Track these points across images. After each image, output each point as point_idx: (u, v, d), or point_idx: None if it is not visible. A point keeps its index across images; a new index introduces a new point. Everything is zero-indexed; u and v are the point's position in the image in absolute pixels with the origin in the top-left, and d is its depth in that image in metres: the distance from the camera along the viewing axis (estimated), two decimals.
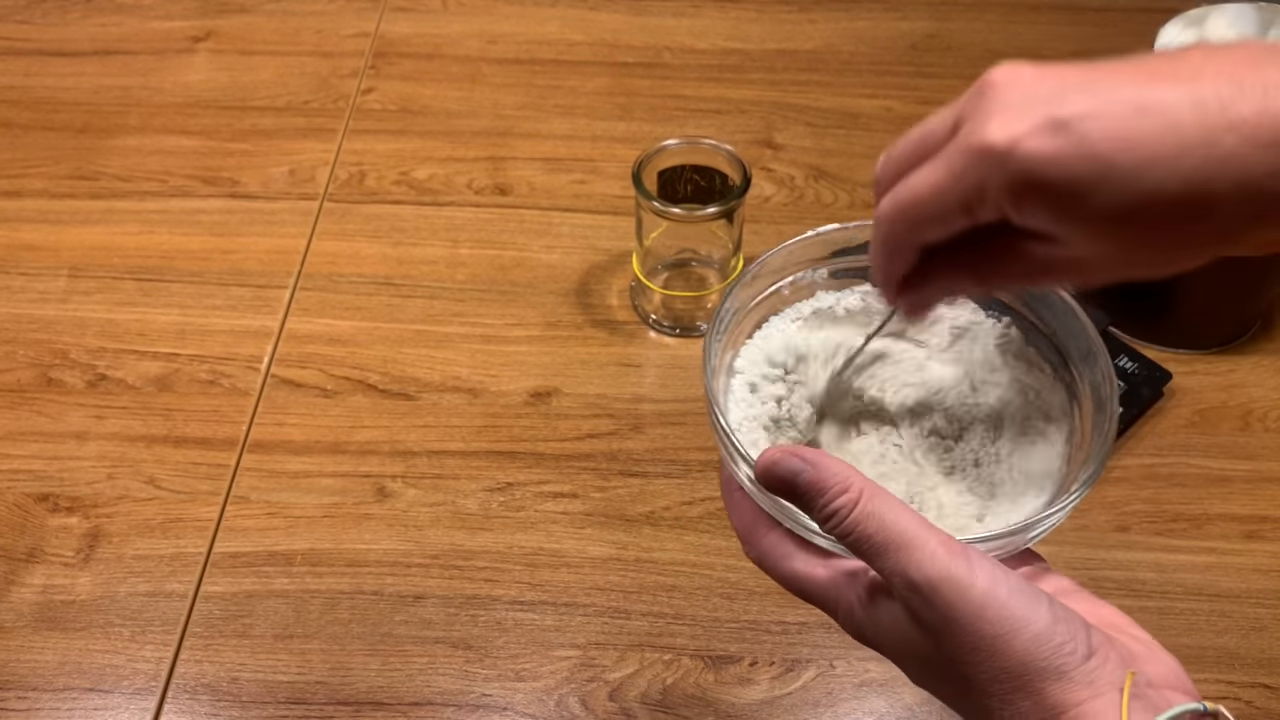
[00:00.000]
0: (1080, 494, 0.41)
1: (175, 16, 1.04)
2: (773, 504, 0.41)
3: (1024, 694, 0.34)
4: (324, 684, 0.62)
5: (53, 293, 0.81)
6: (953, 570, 0.35)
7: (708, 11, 1.05)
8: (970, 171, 0.34)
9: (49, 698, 0.61)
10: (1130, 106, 0.33)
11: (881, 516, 0.36)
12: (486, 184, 0.89)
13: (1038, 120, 0.33)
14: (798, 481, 0.38)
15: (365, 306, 0.80)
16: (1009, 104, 0.34)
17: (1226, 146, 0.32)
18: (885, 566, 0.36)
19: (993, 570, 0.35)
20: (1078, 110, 0.33)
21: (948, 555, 0.35)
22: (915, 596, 0.35)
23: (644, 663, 0.63)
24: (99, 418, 0.74)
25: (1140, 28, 1.01)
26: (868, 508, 0.36)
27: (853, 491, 0.37)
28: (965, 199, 0.35)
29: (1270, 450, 0.72)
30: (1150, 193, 0.33)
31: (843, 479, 0.37)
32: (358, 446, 0.72)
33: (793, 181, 0.90)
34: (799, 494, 0.38)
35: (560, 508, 0.69)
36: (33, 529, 0.68)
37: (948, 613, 0.35)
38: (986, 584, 0.34)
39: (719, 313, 0.47)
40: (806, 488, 0.38)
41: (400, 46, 1.01)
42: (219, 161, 0.91)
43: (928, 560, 0.35)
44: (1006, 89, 0.34)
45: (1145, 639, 0.38)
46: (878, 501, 0.36)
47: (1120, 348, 0.76)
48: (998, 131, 0.33)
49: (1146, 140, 0.32)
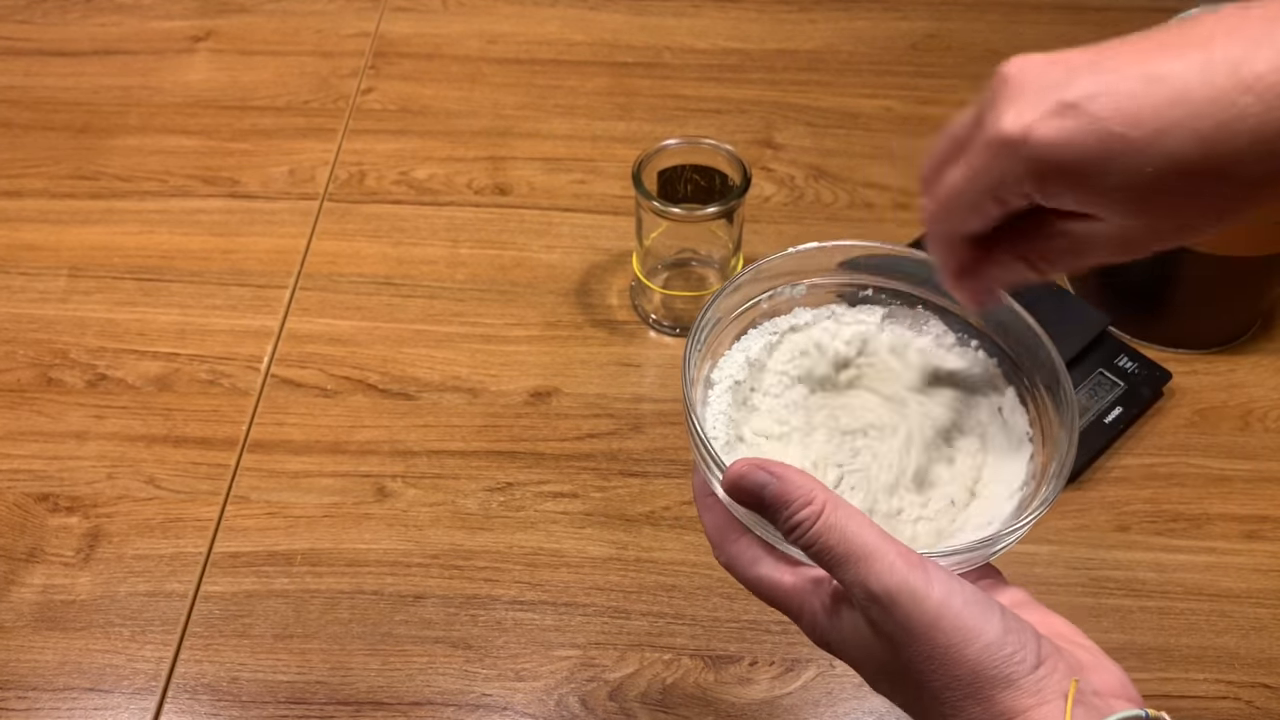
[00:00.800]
0: (1038, 513, 0.42)
1: (175, 16, 1.04)
2: (744, 511, 0.42)
3: (975, 700, 0.36)
4: (324, 684, 0.62)
5: (53, 292, 0.81)
6: (910, 582, 0.36)
7: (708, 11, 1.05)
8: (992, 163, 0.36)
9: (49, 697, 0.61)
10: (1138, 80, 0.34)
11: (843, 529, 0.37)
12: (486, 184, 0.89)
13: (1048, 106, 0.35)
14: (763, 494, 0.39)
15: (365, 306, 0.80)
16: (1021, 93, 0.35)
17: (1241, 106, 0.33)
18: (846, 577, 0.37)
19: (948, 582, 0.36)
20: (1086, 91, 0.34)
21: (906, 567, 0.36)
22: (874, 606, 0.36)
23: (644, 662, 0.63)
24: (99, 417, 0.74)
25: (1140, 28, 1.01)
26: (829, 520, 0.37)
27: (815, 504, 0.38)
28: (992, 189, 0.37)
29: (1270, 450, 0.72)
30: (1168, 160, 0.34)
31: (806, 492, 0.38)
32: (358, 446, 0.72)
33: (793, 181, 0.90)
34: (765, 506, 0.39)
35: (560, 507, 0.69)
36: (33, 529, 0.68)
37: (904, 622, 0.36)
38: (942, 595, 0.36)
39: (698, 323, 0.48)
40: (771, 499, 0.39)
41: (400, 46, 1.01)
42: (219, 161, 0.91)
43: (886, 572, 0.36)
44: (1018, 80, 0.36)
45: (1093, 648, 0.39)
46: (840, 515, 0.37)
47: (1120, 347, 0.76)
48: (1012, 122, 0.35)
49: (1157, 110, 0.33)
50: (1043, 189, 0.36)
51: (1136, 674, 0.62)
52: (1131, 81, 0.34)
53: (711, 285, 0.80)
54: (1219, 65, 0.33)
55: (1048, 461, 0.44)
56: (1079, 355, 0.74)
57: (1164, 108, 0.33)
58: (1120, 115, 0.34)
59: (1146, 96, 0.34)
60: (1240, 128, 0.33)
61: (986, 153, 0.37)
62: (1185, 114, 0.33)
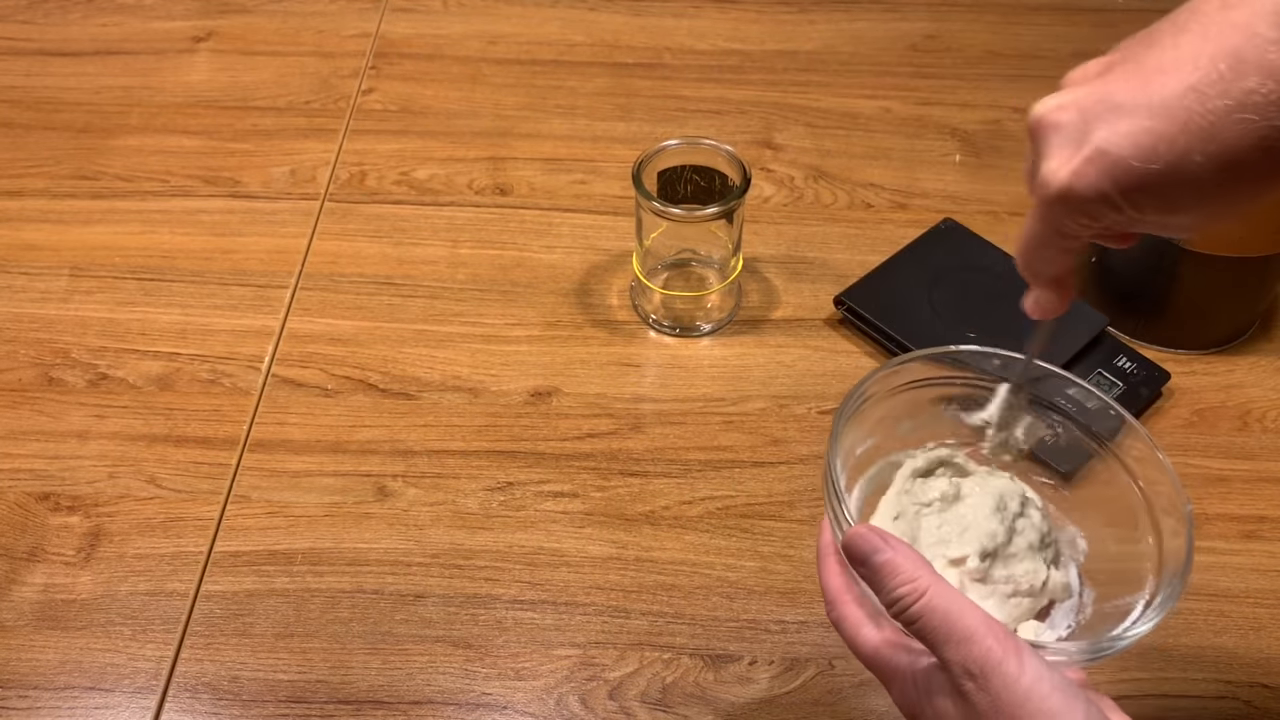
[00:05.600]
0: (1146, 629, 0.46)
1: (176, 17, 1.05)
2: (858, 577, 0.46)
3: None
4: (324, 683, 0.62)
5: (54, 292, 0.82)
6: (1005, 664, 0.40)
7: (708, 12, 1.05)
8: (1050, 214, 0.41)
9: (50, 696, 0.61)
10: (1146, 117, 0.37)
11: (946, 611, 0.41)
12: (487, 184, 0.89)
13: (1082, 155, 0.38)
14: (873, 560, 0.43)
15: (366, 306, 0.81)
16: (1050, 147, 0.39)
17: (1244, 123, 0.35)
18: (946, 655, 0.41)
19: (1039, 668, 0.40)
20: (1105, 136, 0.38)
21: (1002, 651, 0.40)
22: (970, 682, 0.40)
23: (644, 662, 0.63)
24: (100, 417, 0.74)
25: (1139, 28, 1.01)
26: (934, 602, 0.41)
27: (921, 583, 0.42)
28: (1058, 232, 0.41)
29: (1269, 450, 0.73)
30: (1191, 178, 0.37)
31: (912, 570, 0.42)
32: (358, 446, 0.72)
33: (792, 182, 0.90)
34: (871, 571, 0.43)
35: (560, 507, 0.69)
36: (34, 528, 0.68)
37: (995, 699, 0.39)
38: (1032, 678, 0.39)
39: (854, 392, 0.51)
40: (879, 567, 0.43)
41: (401, 47, 1.01)
42: (220, 161, 0.91)
43: (984, 654, 0.40)
44: (1045, 131, 0.40)
45: None
46: (943, 597, 0.41)
47: (1119, 348, 0.76)
48: (1053, 177, 0.39)
49: (1171, 141, 0.36)
50: (1097, 220, 0.40)
51: (1135, 674, 0.63)
52: (1141, 119, 0.37)
53: (711, 285, 0.80)
54: (1213, 88, 0.36)
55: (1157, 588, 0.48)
56: (1078, 355, 0.75)
57: (1174, 138, 0.36)
58: (1140, 152, 0.37)
59: (1158, 130, 0.37)
60: (1245, 142, 0.35)
61: (1041, 210, 0.41)
62: (1196, 140, 0.36)
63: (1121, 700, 0.61)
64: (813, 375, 0.77)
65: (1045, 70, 0.99)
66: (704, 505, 0.70)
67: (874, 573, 0.43)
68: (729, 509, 0.69)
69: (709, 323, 0.80)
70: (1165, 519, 0.49)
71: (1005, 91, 0.98)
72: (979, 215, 0.87)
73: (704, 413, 0.74)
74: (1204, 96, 0.36)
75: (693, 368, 0.77)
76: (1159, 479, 0.50)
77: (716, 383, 0.76)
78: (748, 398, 0.75)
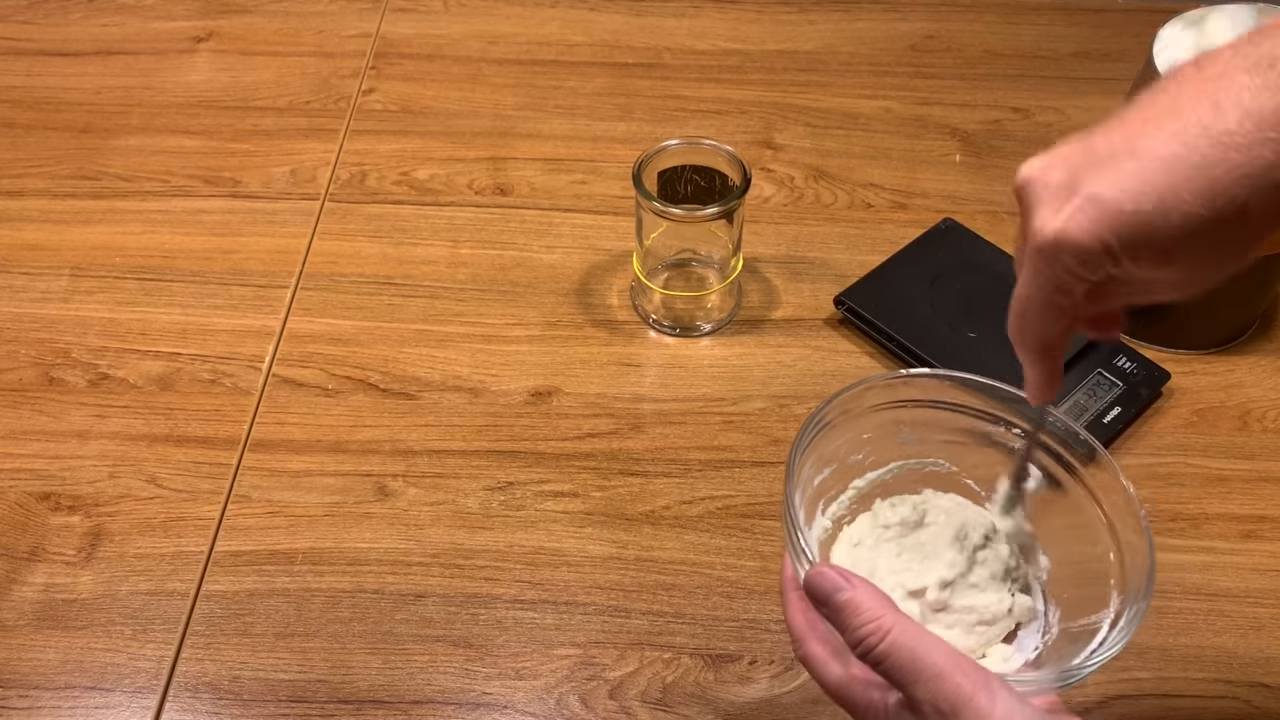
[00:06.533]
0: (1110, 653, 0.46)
1: (177, 17, 1.05)
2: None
3: None
4: (325, 682, 0.62)
5: (55, 292, 0.82)
6: (976, 700, 0.40)
7: (708, 12, 1.05)
8: (1044, 268, 0.40)
9: (50, 696, 0.61)
10: (1133, 161, 0.38)
11: (913, 649, 0.41)
12: (487, 184, 0.90)
13: (1072, 205, 0.38)
14: (834, 599, 0.43)
15: (366, 306, 0.81)
16: (1039, 201, 0.40)
17: (1225, 162, 0.36)
18: (915, 693, 0.41)
19: (1010, 701, 0.40)
20: (1094, 184, 0.38)
21: (971, 686, 0.40)
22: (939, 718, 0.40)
23: (644, 661, 0.63)
24: (101, 417, 0.74)
25: (1139, 28, 1.01)
26: (899, 640, 0.41)
27: (884, 621, 0.42)
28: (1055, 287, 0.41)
29: (1268, 450, 0.73)
30: (1182, 221, 0.37)
31: (875, 609, 0.42)
32: (359, 446, 0.72)
33: (792, 182, 0.90)
34: (833, 610, 0.43)
35: (560, 507, 0.70)
36: (34, 528, 0.68)
37: None
38: (1003, 713, 0.40)
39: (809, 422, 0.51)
40: (840, 606, 0.43)
41: (401, 47, 1.01)
42: (221, 161, 0.91)
43: (953, 691, 0.40)
44: (1032, 190, 0.40)
45: None
46: (908, 635, 0.41)
47: (1118, 347, 0.76)
48: (1045, 226, 0.39)
49: (1156, 184, 0.37)
50: (1092, 272, 0.40)
51: (1135, 673, 0.63)
52: (1129, 163, 0.38)
53: (712, 285, 0.80)
54: (1193, 130, 0.36)
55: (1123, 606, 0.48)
56: (1077, 355, 0.75)
57: (1162, 180, 0.37)
58: (1129, 195, 0.37)
59: (1145, 174, 0.37)
60: (1231, 180, 0.36)
61: (1038, 259, 0.40)
62: (1182, 180, 0.37)
63: (1121, 700, 0.61)
64: (813, 375, 0.77)
65: (1045, 70, 0.99)
66: (704, 505, 0.70)
67: (836, 612, 0.43)
68: (729, 509, 0.69)
69: (709, 323, 0.80)
70: (1127, 536, 0.50)
71: (1005, 91, 0.98)
72: (979, 215, 0.87)
73: (704, 413, 0.74)
74: (1188, 140, 0.36)
75: (693, 368, 0.77)
76: (1119, 498, 0.51)
77: (717, 383, 0.76)
78: (748, 398, 0.75)
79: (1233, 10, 0.74)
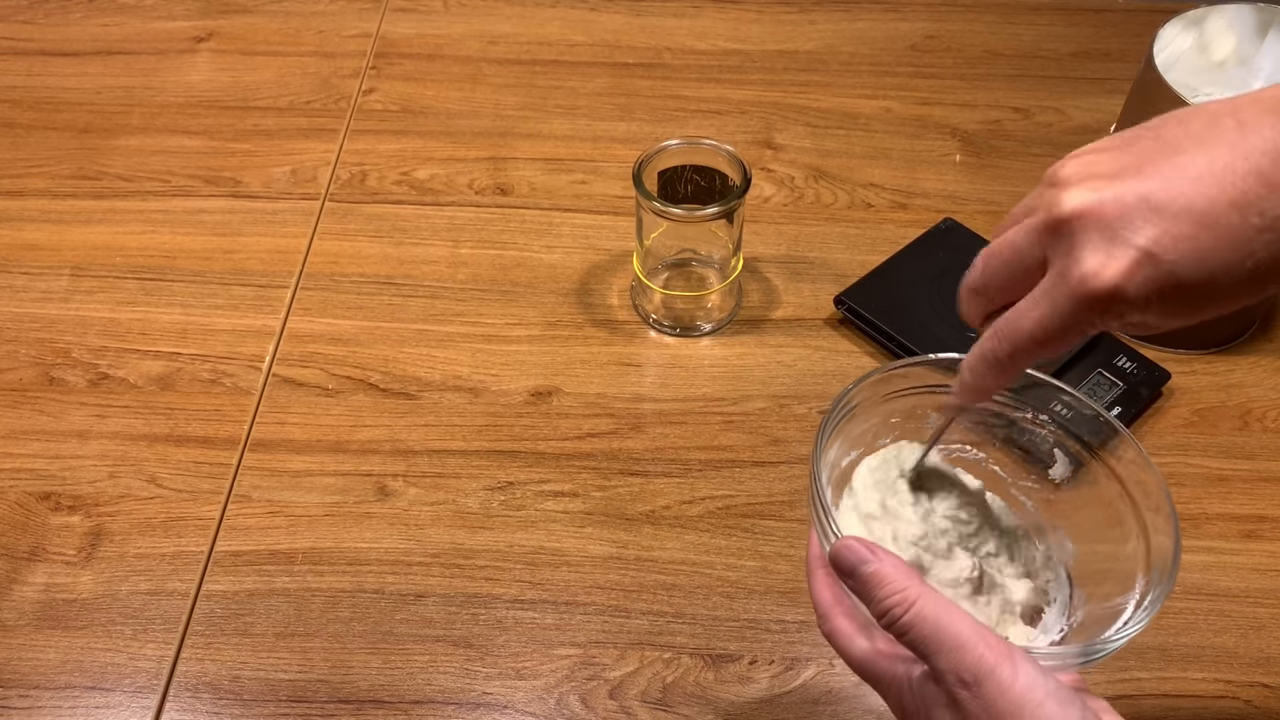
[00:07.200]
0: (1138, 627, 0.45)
1: (177, 17, 1.05)
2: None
3: None
4: (325, 682, 0.62)
5: (55, 292, 0.82)
6: (998, 671, 0.40)
7: (708, 12, 1.05)
8: (1080, 313, 0.40)
9: (50, 696, 0.61)
10: (1190, 225, 0.37)
11: (936, 620, 0.41)
12: (487, 184, 0.90)
13: (1129, 256, 0.38)
14: (860, 571, 0.43)
15: (366, 306, 0.81)
16: (1091, 240, 0.38)
17: (1269, 240, 0.37)
18: (938, 663, 0.41)
19: (1033, 674, 0.40)
20: (1152, 236, 0.37)
21: (994, 658, 0.40)
22: (963, 690, 0.40)
23: (644, 661, 0.63)
24: (101, 417, 0.74)
25: (1139, 28, 1.01)
26: (923, 611, 0.41)
27: (910, 593, 0.42)
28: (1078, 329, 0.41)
29: (1269, 450, 0.73)
30: (1226, 287, 0.38)
31: (901, 581, 0.42)
32: (359, 445, 0.72)
33: (793, 182, 0.90)
34: (859, 582, 0.44)
35: (561, 507, 0.70)
36: (35, 528, 0.68)
37: (990, 706, 0.39)
38: (1025, 686, 0.39)
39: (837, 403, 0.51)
40: (867, 578, 0.43)
41: (401, 47, 1.01)
42: (221, 161, 0.91)
43: (976, 661, 0.40)
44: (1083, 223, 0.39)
45: None
46: (933, 606, 0.41)
47: (1119, 347, 0.76)
48: (1097, 278, 0.38)
49: (1214, 253, 0.37)
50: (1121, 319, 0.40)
51: (1135, 673, 0.63)
52: (1185, 226, 0.37)
53: (712, 285, 0.80)
54: (1250, 205, 0.36)
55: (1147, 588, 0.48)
56: (1077, 355, 0.75)
57: (1221, 251, 0.37)
58: (1184, 260, 0.37)
59: (1202, 243, 0.37)
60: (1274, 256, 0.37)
61: (1073, 305, 0.39)
62: (1234, 255, 0.37)
63: (1121, 700, 0.61)
64: (813, 375, 0.77)
65: (1045, 70, 0.99)
66: (704, 505, 0.70)
67: (862, 584, 0.43)
68: (729, 509, 0.69)
69: (709, 322, 0.80)
70: (1152, 518, 0.50)
71: (1005, 91, 0.98)
72: (979, 215, 0.87)
73: (704, 412, 0.74)
74: (1244, 214, 0.37)
75: (693, 367, 0.77)
76: (1145, 479, 0.50)
77: (717, 382, 0.76)
78: (748, 397, 0.75)
79: (1233, 10, 0.74)
